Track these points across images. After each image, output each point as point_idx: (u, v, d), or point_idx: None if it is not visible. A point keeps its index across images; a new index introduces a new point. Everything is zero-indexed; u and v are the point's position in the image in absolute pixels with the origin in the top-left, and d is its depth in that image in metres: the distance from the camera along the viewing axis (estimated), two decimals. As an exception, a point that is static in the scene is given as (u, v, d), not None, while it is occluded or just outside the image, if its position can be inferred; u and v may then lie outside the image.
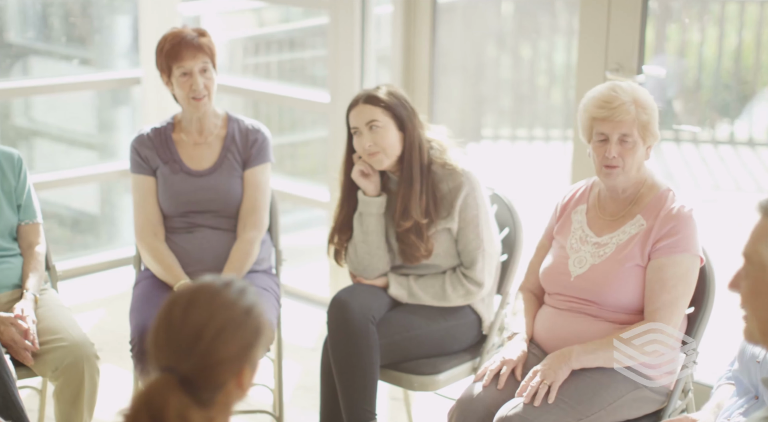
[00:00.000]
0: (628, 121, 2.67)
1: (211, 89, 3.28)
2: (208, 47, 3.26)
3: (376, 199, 3.06)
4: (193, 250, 3.33)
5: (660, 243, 2.67)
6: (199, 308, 1.64)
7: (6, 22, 4.87)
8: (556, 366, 2.64)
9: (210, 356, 1.63)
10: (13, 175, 3.17)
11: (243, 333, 1.66)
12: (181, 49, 3.23)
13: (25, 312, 2.98)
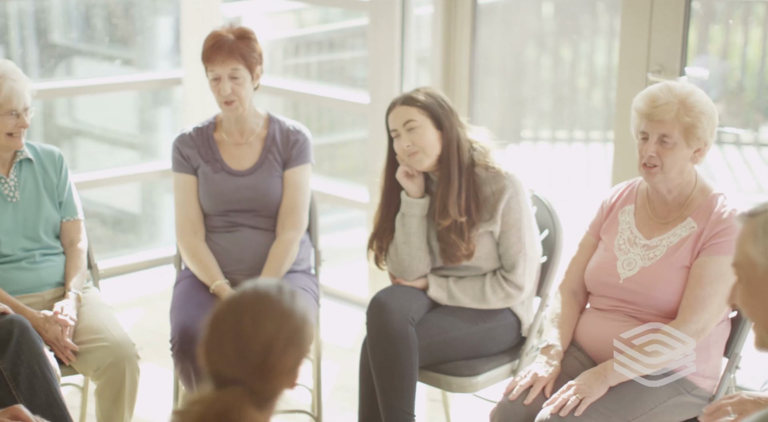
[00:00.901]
0: (668, 121, 2.65)
1: (241, 94, 3.28)
2: (242, 52, 3.26)
3: (419, 200, 3.06)
4: (233, 250, 3.35)
5: (709, 243, 2.66)
6: (269, 320, 1.65)
7: (50, 23, 4.93)
8: (591, 383, 2.63)
9: (278, 369, 1.65)
10: (54, 172, 3.21)
11: (303, 342, 1.68)
12: (212, 53, 3.26)
13: (65, 311, 3.01)
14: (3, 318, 2.79)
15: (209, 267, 3.28)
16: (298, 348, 1.67)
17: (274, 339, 1.64)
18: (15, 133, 3.05)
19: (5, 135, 3.05)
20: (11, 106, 3.02)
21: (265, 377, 1.64)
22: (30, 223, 3.14)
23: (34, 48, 4.85)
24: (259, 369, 1.63)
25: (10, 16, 4.72)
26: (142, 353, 3.09)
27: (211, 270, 3.28)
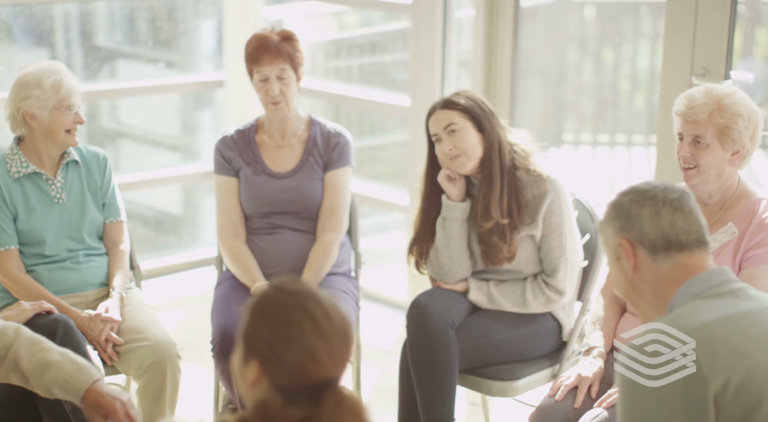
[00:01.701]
0: (701, 122, 2.63)
1: (288, 94, 3.30)
2: (288, 52, 3.28)
3: (461, 204, 3.05)
4: (273, 251, 3.36)
5: (751, 253, 2.62)
6: (333, 311, 1.65)
7: (95, 26, 4.98)
8: None
9: (350, 354, 1.66)
10: (99, 173, 3.24)
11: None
12: (259, 54, 3.27)
13: (110, 311, 3.04)
14: (47, 318, 2.82)
15: (250, 269, 3.29)
16: (352, 330, 1.69)
17: (345, 326, 1.64)
18: (73, 129, 3.10)
19: (64, 132, 3.09)
20: (70, 102, 3.07)
21: (346, 364, 1.65)
22: (74, 225, 3.18)
23: (79, 50, 4.91)
24: (345, 359, 1.63)
25: (56, 18, 4.77)
26: (183, 353, 3.11)
27: (252, 271, 3.29)
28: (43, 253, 3.13)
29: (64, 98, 3.07)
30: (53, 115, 3.07)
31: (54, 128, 3.09)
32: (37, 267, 3.13)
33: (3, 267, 3.08)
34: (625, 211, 1.95)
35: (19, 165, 3.12)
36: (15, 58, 4.71)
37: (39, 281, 3.10)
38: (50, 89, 3.06)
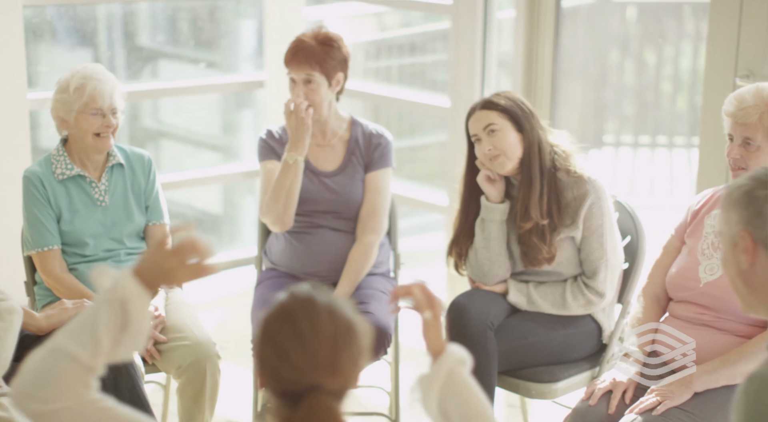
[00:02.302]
0: (751, 124, 2.61)
1: (314, 99, 3.29)
2: (319, 58, 3.27)
3: (500, 205, 3.04)
4: (313, 252, 3.37)
5: None
6: (323, 319, 1.64)
7: (138, 27, 5.02)
8: (675, 388, 2.60)
9: (346, 361, 1.64)
10: (143, 176, 3.26)
11: (357, 334, 1.67)
12: (290, 57, 3.29)
13: (157, 309, 3.07)
14: (89, 316, 2.85)
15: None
16: (355, 340, 1.66)
17: (335, 334, 1.63)
18: (102, 133, 3.10)
19: (92, 135, 3.10)
20: (96, 105, 3.07)
21: (338, 372, 1.63)
22: (116, 227, 3.20)
23: (122, 51, 4.95)
24: (331, 367, 1.63)
25: (99, 19, 4.82)
26: (223, 353, 3.13)
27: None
28: (83, 253, 3.16)
29: (89, 102, 3.07)
30: (78, 119, 3.09)
31: (81, 131, 3.11)
32: (79, 265, 3.16)
33: (45, 267, 3.11)
34: (758, 207, 1.80)
35: (63, 167, 3.15)
36: (59, 59, 4.76)
37: (81, 280, 3.13)
38: (74, 92, 3.08)
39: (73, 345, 1.65)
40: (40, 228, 3.11)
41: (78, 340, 1.65)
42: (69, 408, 1.63)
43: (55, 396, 1.63)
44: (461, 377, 1.88)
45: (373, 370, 3.67)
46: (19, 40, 4.06)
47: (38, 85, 4.44)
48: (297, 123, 3.24)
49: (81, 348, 1.65)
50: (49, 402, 1.63)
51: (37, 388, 1.63)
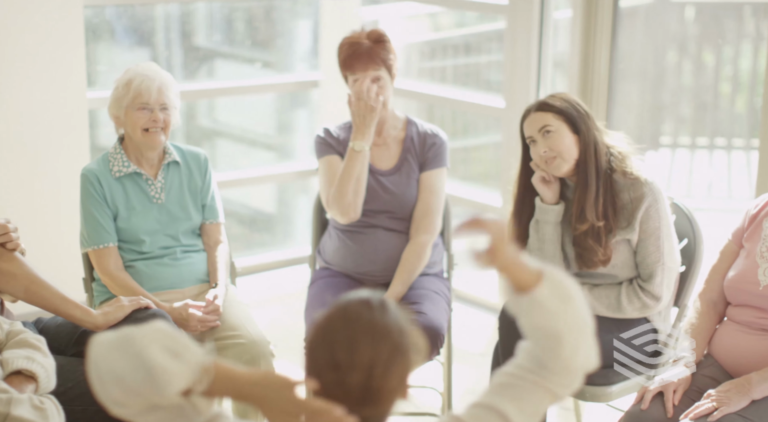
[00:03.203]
0: None
1: (386, 97, 3.31)
2: (381, 56, 3.29)
3: (554, 207, 3.02)
4: (366, 251, 3.37)
5: None
6: (364, 345, 1.58)
7: (195, 27, 5.07)
8: (732, 394, 2.56)
9: (383, 390, 1.60)
10: (199, 175, 3.28)
11: (406, 355, 1.62)
12: (353, 61, 3.28)
13: (218, 299, 3.09)
14: (146, 313, 2.87)
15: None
16: (401, 363, 1.60)
17: (373, 364, 1.57)
18: (150, 128, 3.14)
19: (141, 131, 3.14)
20: (142, 100, 3.11)
21: (372, 402, 1.59)
22: (172, 225, 3.23)
23: (179, 50, 5.00)
24: (363, 397, 1.58)
25: (157, 19, 4.87)
26: (277, 351, 3.14)
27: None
28: (140, 250, 3.20)
29: (136, 96, 3.11)
30: (128, 114, 3.13)
31: (131, 127, 3.15)
32: (136, 263, 3.19)
33: (101, 265, 3.15)
34: None
35: (120, 164, 3.19)
36: (117, 58, 4.82)
37: (138, 277, 3.16)
38: (123, 89, 3.13)
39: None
40: (97, 226, 3.15)
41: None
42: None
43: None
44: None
45: (426, 370, 3.67)
46: (80, 40, 4.12)
47: (97, 84, 4.50)
48: (365, 109, 3.24)
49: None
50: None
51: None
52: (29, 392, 2.18)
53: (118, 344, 1.58)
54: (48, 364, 2.30)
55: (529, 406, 1.65)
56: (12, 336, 2.35)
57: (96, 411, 2.60)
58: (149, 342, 1.57)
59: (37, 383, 2.21)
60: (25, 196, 4.12)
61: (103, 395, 1.60)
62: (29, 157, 4.10)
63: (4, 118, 4.02)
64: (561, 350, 1.67)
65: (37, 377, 2.21)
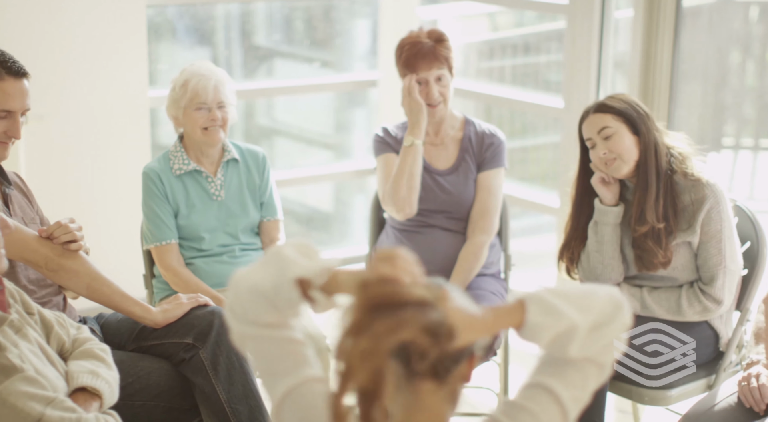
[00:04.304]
0: None
1: (447, 96, 3.32)
2: (443, 55, 3.29)
3: (614, 208, 2.99)
4: (423, 251, 3.37)
5: None
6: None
7: (255, 26, 5.10)
8: None
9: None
10: (258, 172, 3.31)
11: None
12: (416, 61, 3.28)
13: None
14: (204, 310, 2.89)
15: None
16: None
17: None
18: (209, 127, 3.17)
19: (201, 130, 3.18)
20: (200, 100, 3.14)
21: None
22: (231, 222, 3.26)
23: (239, 49, 5.04)
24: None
25: (217, 18, 4.92)
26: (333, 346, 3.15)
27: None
28: (200, 247, 3.23)
29: (193, 97, 3.15)
30: (186, 114, 3.17)
31: (190, 127, 3.18)
32: (196, 260, 3.22)
33: (163, 261, 3.19)
34: None
35: (180, 162, 3.22)
36: (178, 57, 4.87)
37: (197, 274, 3.19)
38: (180, 89, 3.17)
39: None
40: (159, 223, 3.18)
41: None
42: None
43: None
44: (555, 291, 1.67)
45: (483, 371, 3.66)
46: (142, 39, 4.17)
47: (158, 82, 4.55)
48: (412, 104, 3.25)
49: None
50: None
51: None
52: (94, 410, 2.19)
53: (261, 261, 1.65)
54: (112, 378, 2.31)
55: (574, 379, 1.63)
56: (78, 344, 2.38)
57: (154, 406, 2.63)
58: (286, 245, 1.66)
59: (102, 400, 2.23)
60: (87, 193, 4.18)
61: (236, 311, 1.63)
62: (92, 155, 4.16)
63: (68, 116, 4.08)
64: (572, 347, 1.62)
65: (101, 395, 2.23)
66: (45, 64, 3.98)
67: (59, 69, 4.01)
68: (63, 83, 4.02)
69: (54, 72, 3.95)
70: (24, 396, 2.04)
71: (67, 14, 4.01)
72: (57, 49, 4.00)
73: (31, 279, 2.68)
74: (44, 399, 2.06)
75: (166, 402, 2.66)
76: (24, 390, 2.04)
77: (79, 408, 2.10)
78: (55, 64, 3.98)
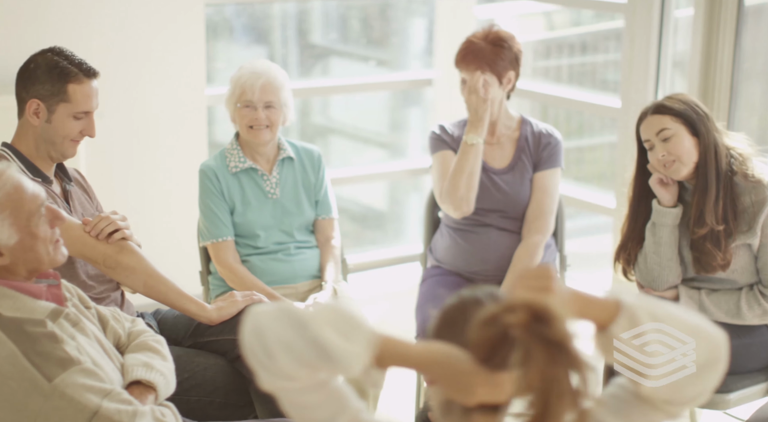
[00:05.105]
0: None
1: (488, 99, 3.28)
2: (489, 59, 3.26)
3: (672, 209, 2.96)
4: (478, 250, 3.36)
5: None
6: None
7: (311, 25, 5.12)
8: None
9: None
10: (313, 171, 3.32)
11: None
12: (462, 59, 3.29)
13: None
14: (259, 307, 2.92)
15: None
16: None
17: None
18: (256, 126, 3.18)
19: (246, 127, 3.20)
20: (246, 98, 3.16)
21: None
22: (286, 220, 3.27)
23: (295, 48, 5.05)
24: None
25: (274, 17, 4.94)
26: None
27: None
28: (255, 245, 3.24)
29: (240, 95, 3.17)
30: (236, 111, 3.19)
31: (238, 123, 3.20)
32: (251, 257, 3.24)
33: (220, 258, 3.21)
34: None
35: (237, 160, 3.24)
36: (235, 56, 4.90)
37: (252, 272, 3.21)
38: (233, 85, 3.19)
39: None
40: (215, 220, 3.21)
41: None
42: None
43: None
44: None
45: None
46: (201, 38, 4.20)
47: (215, 81, 4.58)
48: (477, 102, 3.23)
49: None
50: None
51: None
52: (150, 403, 2.21)
53: (288, 320, 1.51)
54: (167, 369, 2.33)
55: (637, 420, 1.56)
56: (133, 337, 2.40)
57: (209, 402, 2.65)
58: (322, 325, 1.50)
59: (157, 393, 2.25)
60: (145, 190, 4.22)
61: (265, 364, 1.51)
62: (150, 152, 4.20)
63: (127, 113, 4.13)
64: (644, 385, 1.53)
65: (156, 387, 2.25)
66: (105, 62, 4.03)
67: (119, 67, 4.05)
68: (122, 81, 4.07)
69: (114, 70, 3.99)
70: (81, 388, 2.06)
71: (128, 13, 4.05)
72: (117, 48, 4.05)
73: (91, 275, 2.72)
74: (101, 391, 2.08)
75: (221, 398, 2.67)
76: (81, 382, 2.06)
77: (135, 401, 2.13)
78: (115, 62, 4.03)
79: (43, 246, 2.13)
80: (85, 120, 2.67)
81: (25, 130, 2.67)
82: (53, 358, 2.06)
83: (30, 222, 2.10)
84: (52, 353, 2.07)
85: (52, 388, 2.04)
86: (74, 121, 2.65)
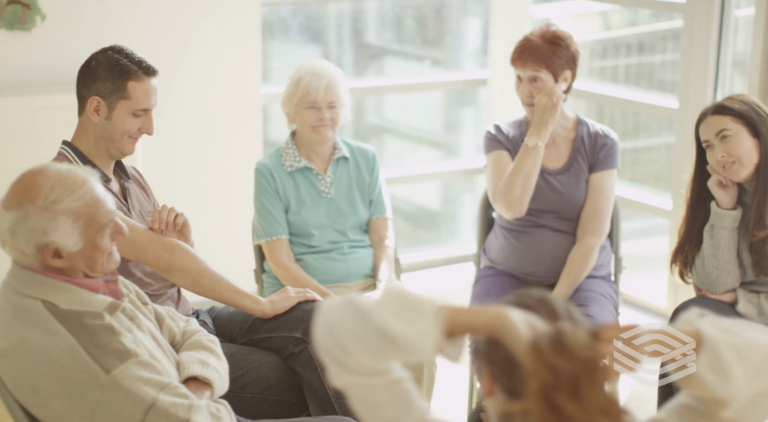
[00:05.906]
0: None
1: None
2: (545, 56, 3.24)
3: (731, 212, 2.92)
4: (531, 251, 3.34)
5: None
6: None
7: (366, 24, 5.13)
8: None
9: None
10: (367, 170, 3.33)
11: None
12: (517, 56, 3.27)
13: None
14: (313, 305, 2.92)
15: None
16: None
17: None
18: (319, 126, 3.21)
19: (310, 128, 3.21)
20: (310, 99, 3.18)
21: None
22: (340, 219, 3.28)
23: (350, 48, 5.07)
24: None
25: (329, 17, 4.96)
26: (440, 347, 3.14)
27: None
28: (309, 244, 3.26)
29: (304, 95, 3.18)
30: (297, 112, 3.21)
31: (300, 124, 3.22)
32: (305, 256, 3.25)
33: (274, 256, 3.23)
34: None
35: (292, 159, 3.26)
36: (291, 55, 4.93)
37: (306, 270, 3.22)
38: (293, 86, 3.22)
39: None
40: (270, 219, 3.22)
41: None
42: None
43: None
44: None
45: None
46: (257, 37, 4.23)
47: (271, 80, 4.61)
48: (546, 106, 3.21)
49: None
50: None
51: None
52: (206, 398, 2.23)
53: (353, 312, 1.54)
54: (222, 368, 2.35)
55: None
56: (187, 336, 2.42)
57: (263, 399, 2.67)
58: (384, 312, 1.53)
59: (212, 389, 2.27)
60: (201, 188, 4.26)
61: (339, 359, 1.54)
62: (205, 150, 4.24)
63: (183, 112, 4.17)
64: (723, 413, 1.56)
65: (212, 384, 2.27)
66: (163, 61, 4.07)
67: (176, 66, 4.09)
68: (179, 80, 4.11)
69: (171, 69, 4.03)
70: (138, 380, 2.08)
71: (186, 13, 4.09)
72: (175, 47, 4.09)
73: (147, 272, 2.74)
74: (158, 384, 2.10)
75: (275, 396, 2.69)
76: (138, 375, 2.08)
77: (191, 395, 2.14)
78: (172, 62, 4.07)
79: (101, 257, 2.16)
80: (143, 117, 2.70)
81: (85, 127, 2.71)
82: (111, 350, 2.08)
83: (97, 235, 2.13)
84: (110, 345, 2.09)
85: (109, 380, 2.06)
86: (133, 119, 2.68)
